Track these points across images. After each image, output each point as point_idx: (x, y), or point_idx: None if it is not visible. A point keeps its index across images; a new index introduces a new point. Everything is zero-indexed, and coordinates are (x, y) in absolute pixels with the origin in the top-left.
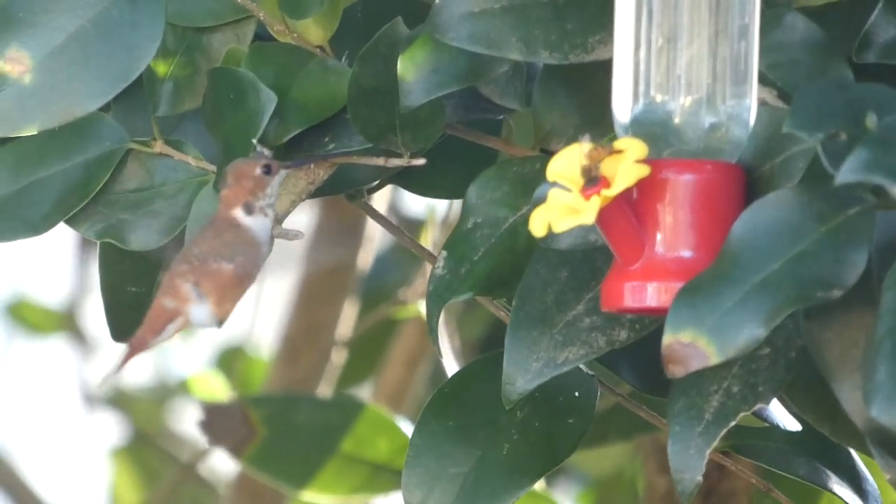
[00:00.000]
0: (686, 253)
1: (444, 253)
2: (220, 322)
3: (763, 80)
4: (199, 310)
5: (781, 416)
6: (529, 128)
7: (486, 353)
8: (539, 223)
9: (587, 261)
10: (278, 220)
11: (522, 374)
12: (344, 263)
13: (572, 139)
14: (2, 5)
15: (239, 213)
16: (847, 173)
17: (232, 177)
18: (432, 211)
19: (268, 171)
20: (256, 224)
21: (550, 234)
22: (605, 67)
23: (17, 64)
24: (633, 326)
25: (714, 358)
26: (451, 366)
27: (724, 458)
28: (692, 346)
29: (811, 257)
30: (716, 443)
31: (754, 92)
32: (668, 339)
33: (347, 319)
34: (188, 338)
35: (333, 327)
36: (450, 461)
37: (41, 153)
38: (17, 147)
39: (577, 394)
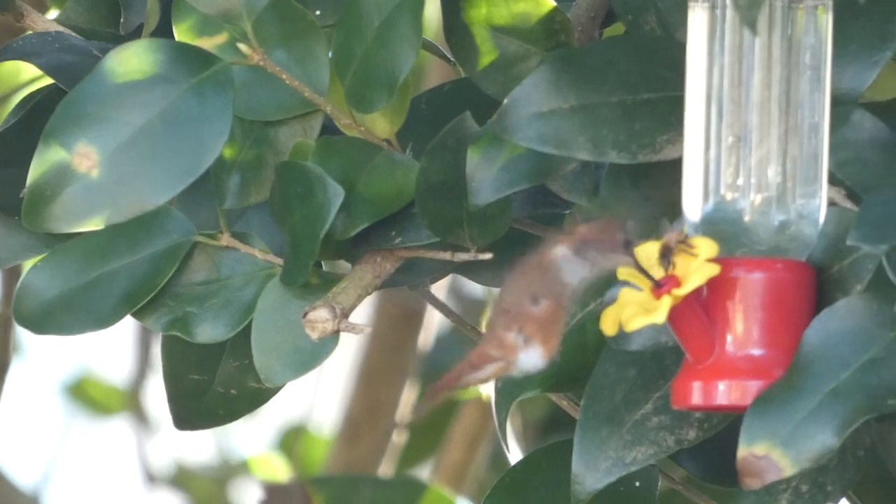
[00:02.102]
0: (756, 351)
1: None
2: (552, 360)
3: (831, 178)
4: (528, 355)
5: None
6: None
7: (547, 433)
8: (610, 322)
9: (656, 360)
10: (345, 314)
11: (591, 473)
12: (404, 344)
13: (639, 234)
14: (70, 101)
15: (563, 248)
16: None
17: (599, 226)
18: (492, 293)
19: (627, 245)
20: (569, 265)
21: (621, 336)
22: (674, 162)
23: (86, 159)
24: (701, 426)
25: (788, 470)
26: (511, 447)
27: None
28: (766, 459)
29: (881, 364)
30: None
31: (824, 190)
32: (742, 451)
33: (408, 400)
34: (251, 417)
35: (394, 408)
36: None
37: (108, 247)
38: (85, 241)
39: (637, 483)
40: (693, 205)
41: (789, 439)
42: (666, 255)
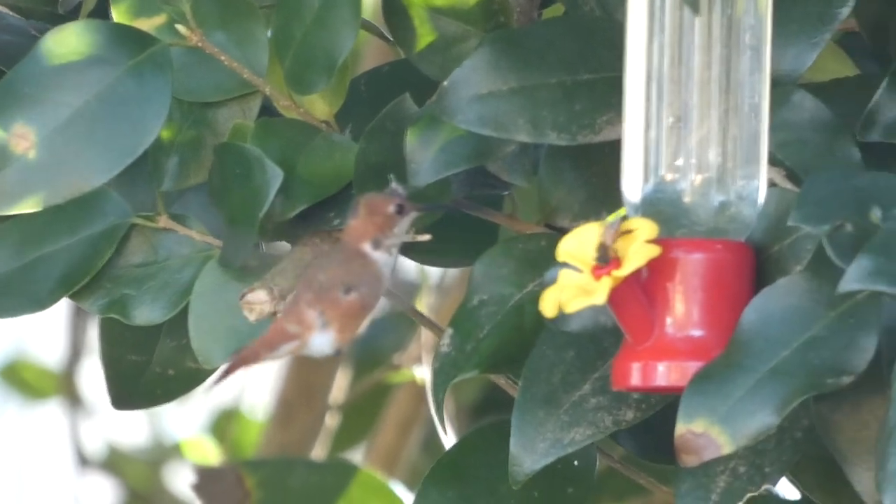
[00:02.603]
0: (696, 332)
1: (450, 330)
2: (338, 350)
3: (772, 159)
4: (321, 338)
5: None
6: (533, 201)
7: (480, 416)
8: (550, 304)
9: (593, 341)
10: (283, 296)
11: (529, 454)
12: None
13: (578, 215)
14: (7, 81)
15: (367, 247)
16: (851, 282)
17: (364, 210)
18: (425, 275)
19: (400, 210)
20: (382, 259)
21: (560, 317)
22: (612, 142)
23: (23, 139)
24: (639, 406)
25: (727, 447)
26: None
27: None
28: (705, 436)
29: (821, 343)
30: None
31: (764, 171)
32: (680, 428)
33: (341, 383)
34: (184, 400)
35: (327, 391)
36: None
37: (46, 228)
38: (22, 222)
39: (575, 462)
40: (633, 186)
41: (727, 417)
42: (602, 255)
